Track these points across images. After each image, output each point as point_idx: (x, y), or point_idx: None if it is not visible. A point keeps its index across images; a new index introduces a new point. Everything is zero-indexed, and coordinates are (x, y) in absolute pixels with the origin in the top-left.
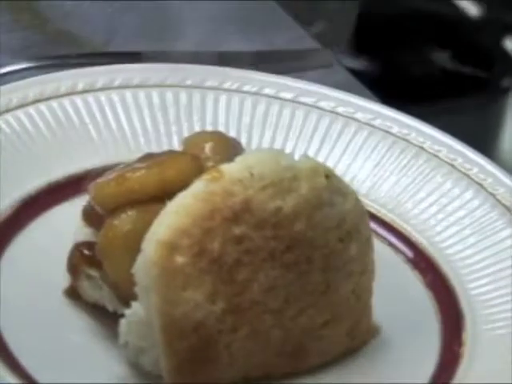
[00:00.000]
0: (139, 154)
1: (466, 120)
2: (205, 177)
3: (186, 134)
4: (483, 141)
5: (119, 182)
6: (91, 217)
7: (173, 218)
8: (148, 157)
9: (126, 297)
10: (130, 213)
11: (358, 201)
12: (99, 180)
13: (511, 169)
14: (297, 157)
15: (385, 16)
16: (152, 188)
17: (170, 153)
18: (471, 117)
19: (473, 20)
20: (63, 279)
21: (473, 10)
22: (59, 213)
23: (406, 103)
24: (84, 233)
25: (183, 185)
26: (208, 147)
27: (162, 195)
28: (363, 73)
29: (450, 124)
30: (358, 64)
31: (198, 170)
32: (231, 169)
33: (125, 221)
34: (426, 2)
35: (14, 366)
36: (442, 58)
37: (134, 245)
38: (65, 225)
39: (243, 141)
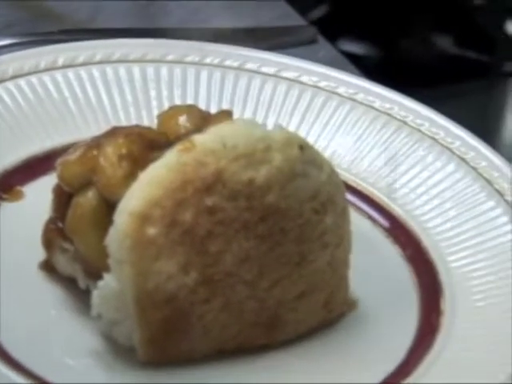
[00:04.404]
0: None
1: (468, 104)
2: (177, 148)
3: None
4: (486, 125)
5: (83, 162)
6: (62, 193)
7: (144, 189)
8: (114, 131)
9: (98, 273)
10: (95, 190)
11: (333, 172)
12: (64, 157)
13: None
14: (271, 128)
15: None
16: None
17: (137, 127)
18: (473, 101)
19: (476, 4)
20: (39, 253)
21: None
22: (36, 187)
23: (407, 88)
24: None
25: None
26: (181, 120)
27: None
28: (365, 57)
29: (452, 108)
30: (360, 49)
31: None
32: (203, 139)
33: (90, 198)
34: None
35: None
36: (444, 43)
37: (101, 221)
38: (42, 199)
39: None
